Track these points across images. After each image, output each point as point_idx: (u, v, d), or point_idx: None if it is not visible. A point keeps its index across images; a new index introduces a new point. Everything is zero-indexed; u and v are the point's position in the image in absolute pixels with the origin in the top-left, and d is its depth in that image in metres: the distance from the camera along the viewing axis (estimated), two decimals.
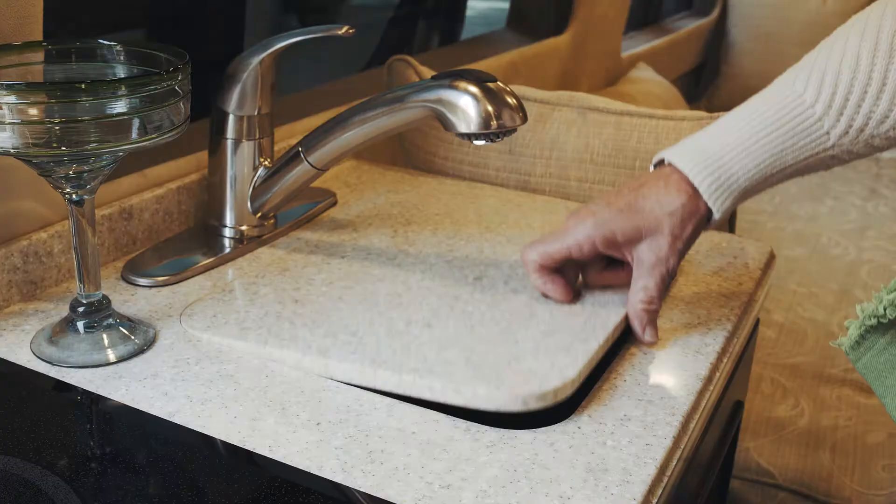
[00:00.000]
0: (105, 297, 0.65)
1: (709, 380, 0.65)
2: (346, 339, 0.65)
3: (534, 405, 0.59)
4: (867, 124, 0.65)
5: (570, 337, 0.66)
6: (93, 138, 0.56)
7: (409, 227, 0.87)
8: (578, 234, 0.68)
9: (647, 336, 0.68)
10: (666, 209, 0.67)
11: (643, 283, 0.67)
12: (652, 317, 0.68)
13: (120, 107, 0.56)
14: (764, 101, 0.68)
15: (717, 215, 0.68)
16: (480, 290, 0.73)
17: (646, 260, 0.68)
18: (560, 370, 0.62)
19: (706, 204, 0.68)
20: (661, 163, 0.71)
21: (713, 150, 0.67)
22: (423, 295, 0.72)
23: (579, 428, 0.58)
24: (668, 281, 0.68)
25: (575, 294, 0.71)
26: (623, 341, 0.69)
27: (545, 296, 0.71)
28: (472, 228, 0.86)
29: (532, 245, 0.71)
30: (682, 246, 0.68)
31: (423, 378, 0.60)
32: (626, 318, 0.69)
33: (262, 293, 0.73)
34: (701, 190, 0.67)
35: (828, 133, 0.65)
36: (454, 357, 0.63)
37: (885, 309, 0.57)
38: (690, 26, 2.47)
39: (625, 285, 0.71)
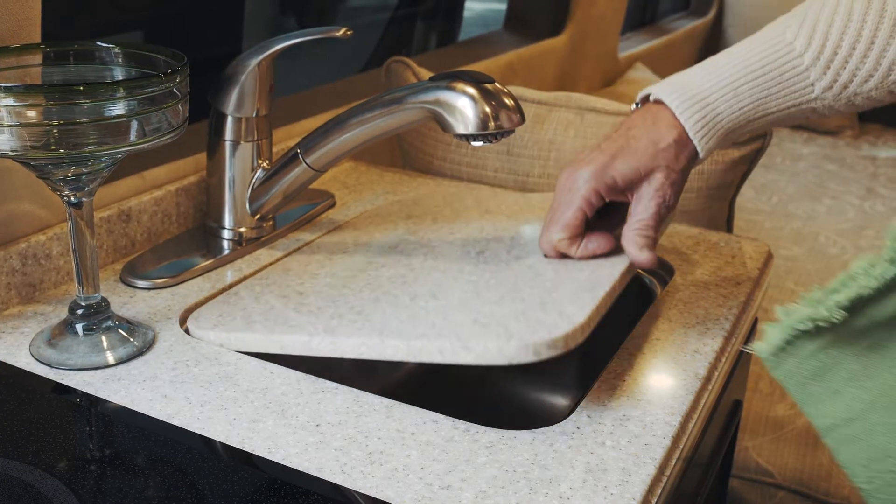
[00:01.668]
0: (104, 299, 0.65)
1: (707, 379, 0.65)
2: (353, 318, 0.65)
3: (545, 353, 0.58)
4: (852, 81, 0.65)
5: (576, 288, 0.65)
6: (91, 140, 0.56)
7: (410, 220, 0.87)
8: (582, 189, 0.68)
9: (643, 256, 0.67)
10: (659, 146, 0.67)
11: (639, 215, 0.68)
12: (646, 242, 0.67)
13: (118, 109, 0.56)
14: (752, 46, 0.68)
15: (701, 154, 0.68)
16: (484, 262, 0.73)
17: (644, 194, 0.68)
18: (569, 317, 0.60)
19: (692, 141, 0.69)
20: (645, 99, 0.71)
21: (700, 88, 0.67)
22: (427, 272, 0.72)
23: (578, 428, 0.58)
24: (664, 213, 0.68)
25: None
26: (623, 340, 0.69)
27: (595, 256, 0.70)
28: (472, 213, 0.86)
29: (548, 228, 0.70)
30: (678, 177, 0.68)
31: (432, 341, 0.60)
32: (632, 266, 0.69)
33: (266, 291, 0.73)
34: (687, 128, 0.67)
35: (812, 84, 0.66)
36: (462, 319, 0.62)
37: (828, 311, 0.53)
38: (687, 27, 2.47)
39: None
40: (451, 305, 0.64)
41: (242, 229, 0.82)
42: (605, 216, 0.71)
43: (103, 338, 0.64)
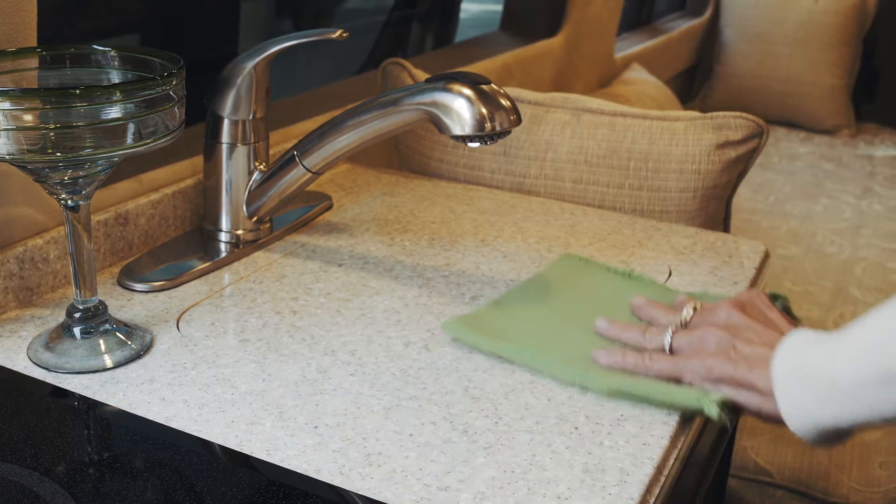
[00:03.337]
0: (101, 302, 0.65)
1: None
2: (346, 359, 0.65)
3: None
4: None
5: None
6: (88, 144, 0.56)
7: (406, 236, 0.87)
8: None
9: (604, 358, 0.65)
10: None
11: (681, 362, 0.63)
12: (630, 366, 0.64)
13: (115, 112, 0.56)
14: None
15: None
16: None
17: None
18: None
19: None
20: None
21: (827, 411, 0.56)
22: (420, 313, 0.72)
23: (576, 428, 0.58)
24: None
25: None
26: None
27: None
28: (469, 240, 0.86)
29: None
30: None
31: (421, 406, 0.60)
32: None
33: (259, 301, 0.73)
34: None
35: None
36: (452, 385, 0.62)
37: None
38: (683, 27, 2.47)
39: None
40: (442, 364, 0.65)
41: (239, 232, 0.82)
42: None
43: (101, 341, 0.64)
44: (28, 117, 0.55)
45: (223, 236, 0.82)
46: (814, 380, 0.56)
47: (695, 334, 0.64)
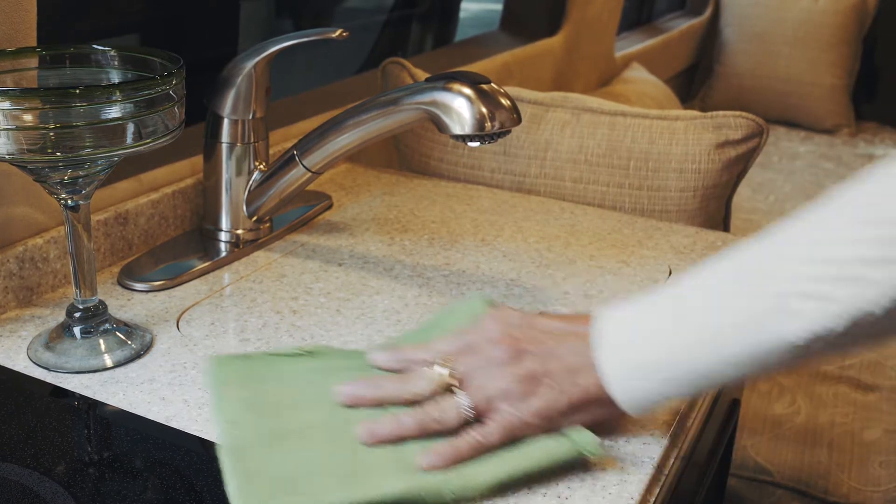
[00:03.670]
0: (101, 302, 0.65)
1: None
2: None
3: None
4: None
5: None
6: (87, 143, 0.56)
7: (406, 235, 0.87)
8: None
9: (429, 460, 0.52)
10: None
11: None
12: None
13: (114, 112, 0.56)
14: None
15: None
16: None
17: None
18: None
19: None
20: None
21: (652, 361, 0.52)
22: (420, 313, 0.72)
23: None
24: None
25: None
26: None
27: None
28: (469, 239, 0.86)
29: None
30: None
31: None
32: None
33: (259, 301, 0.73)
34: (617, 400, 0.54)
35: None
36: None
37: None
38: (683, 26, 2.47)
39: None
40: None
41: (239, 231, 0.82)
42: None
43: (101, 341, 0.64)
44: (28, 117, 0.55)
45: (223, 236, 0.82)
46: (652, 374, 0.52)
47: (477, 355, 0.56)
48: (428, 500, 0.49)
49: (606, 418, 0.56)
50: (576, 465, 0.54)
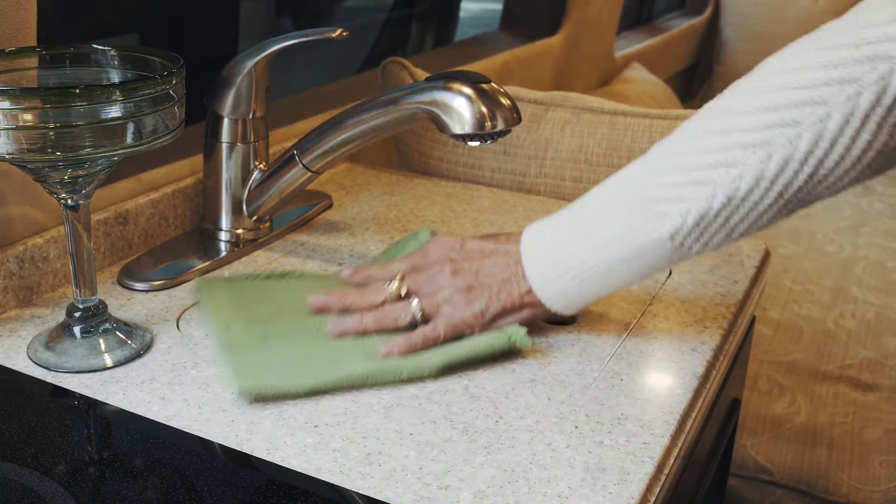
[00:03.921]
0: (101, 301, 0.65)
1: (705, 378, 0.65)
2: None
3: None
4: None
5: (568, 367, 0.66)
6: (87, 143, 0.56)
7: (406, 235, 0.87)
8: None
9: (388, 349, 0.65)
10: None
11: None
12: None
13: (114, 111, 0.56)
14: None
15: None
16: None
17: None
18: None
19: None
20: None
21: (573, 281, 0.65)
22: None
23: (576, 427, 0.58)
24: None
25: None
26: (623, 337, 0.69)
27: None
28: None
29: None
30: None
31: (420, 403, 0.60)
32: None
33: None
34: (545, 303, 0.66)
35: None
36: (453, 385, 0.62)
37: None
38: (683, 25, 2.47)
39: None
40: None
41: (239, 231, 0.82)
42: None
43: (101, 340, 0.64)
44: (28, 117, 0.55)
45: (223, 235, 0.82)
46: (569, 277, 0.64)
47: (425, 272, 0.68)
48: (387, 377, 0.61)
49: (539, 317, 0.67)
50: (574, 463, 0.54)
